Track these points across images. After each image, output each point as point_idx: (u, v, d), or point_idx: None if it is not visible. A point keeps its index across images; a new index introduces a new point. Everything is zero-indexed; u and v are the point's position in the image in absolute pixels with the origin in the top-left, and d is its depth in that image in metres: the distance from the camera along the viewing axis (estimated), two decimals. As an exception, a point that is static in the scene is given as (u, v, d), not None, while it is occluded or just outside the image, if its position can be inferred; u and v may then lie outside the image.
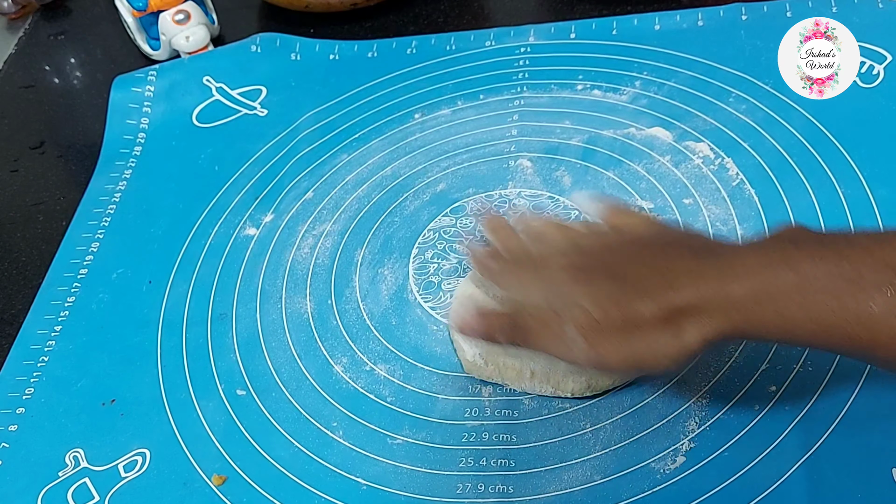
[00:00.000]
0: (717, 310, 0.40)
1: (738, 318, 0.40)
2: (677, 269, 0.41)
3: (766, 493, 0.44)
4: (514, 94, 0.69)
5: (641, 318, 0.41)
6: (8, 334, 0.60)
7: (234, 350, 0.56)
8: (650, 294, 0.41)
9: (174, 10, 0.76)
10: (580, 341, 0.42)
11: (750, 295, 0.39)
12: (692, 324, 0.40)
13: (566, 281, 0.44)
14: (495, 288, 0.54)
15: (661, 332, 0.41)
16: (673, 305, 0.40)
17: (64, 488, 0.51)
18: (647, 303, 0.41)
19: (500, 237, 0.51)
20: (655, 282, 0.41)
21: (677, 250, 0.43)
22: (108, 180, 0.70)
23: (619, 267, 0.44)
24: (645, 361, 0.41)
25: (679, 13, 0.71)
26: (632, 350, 0.41)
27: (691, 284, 0.40)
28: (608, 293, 0.42)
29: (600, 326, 0.41)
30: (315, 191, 0.65)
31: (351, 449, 0.50)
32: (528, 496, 0.46)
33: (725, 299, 0.40)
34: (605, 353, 0.42)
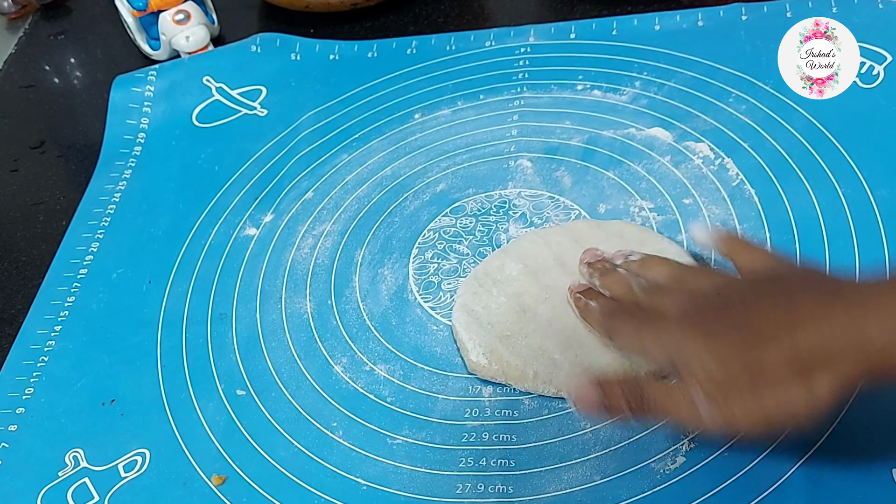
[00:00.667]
0: (850, 358, 0.37)
1: (874, 364, 0.37)
2: (802, 312, 0.39)
3: (766, 493, 0.44)
4: (514, 94, 0.69)
5: (767, 371, 0.38)
6: (8, 334, 0.60)
7: (234, 350, 0.56)
8: (774, 343, 0.38)
9: (174, 10, 0.76)
10: (707, 407, 0.39)
11: (883, 337, 0.36)
12: (824, 374, 0.37)
13: (684, 336, 0.41)
14: (501, 295, 0.54)
15: (792, 385, 0.38)
16: (801, 354, 0.37)
17: (64, 488, 0.51)
18: (772, 352, 0.38)
19: (611, 283, 0.50)
20: (779, 329, 0.38)
21: (800, 291, 0.40)
22: (108, 180, 0.70)
23: (738, 314, 0.41)
24: (776, 418, 0.38)
25: (679, 13, 0.71)
26: (762, 407, 0.38)
27: (819, 332, 0.38)
28: (729, 346, 0.39)
29: (725, 384, 0.39)
30: (315, 191, 0.65)
31: (351, 449, 0.50)
32: (528, 496, 0.46)
33: (859, 346, 0.37)
34: (734, 415, 0.39)
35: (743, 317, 0.40)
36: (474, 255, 0.58)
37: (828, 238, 0.54)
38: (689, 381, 0.40)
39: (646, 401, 0.41)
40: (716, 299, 0.43)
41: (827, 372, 0.37)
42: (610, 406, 0.42)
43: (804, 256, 0.53)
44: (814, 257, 0.53)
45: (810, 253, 0.53)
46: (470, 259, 0.58)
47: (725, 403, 0.39)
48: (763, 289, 0.43)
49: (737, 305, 0.42)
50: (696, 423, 0.41)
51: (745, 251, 0.47)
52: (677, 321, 0.43)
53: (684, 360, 0.40)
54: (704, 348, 0.40)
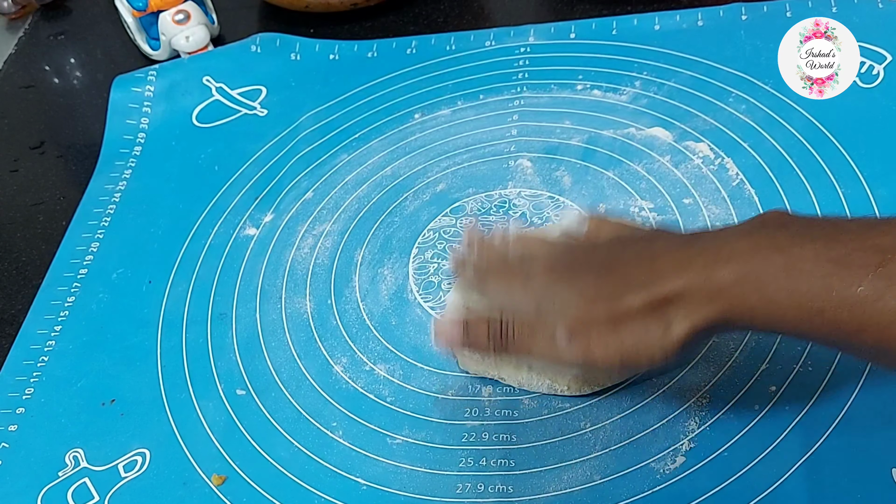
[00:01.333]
0: (704, 296, 0.39)
1: (724, 304, 0.39)
2: (663, 258, 0.41)
3: (766, 493, 0.44)
4: (514, 94, 0.69)
5: (628, 310, 0.40)
6: (8, 334, 0.60)
7: (234, 350, 0.56)
8: (636, 285, 0.40)
9: (174, 10, 0.76)
10: (566, 341, 0.41)
11: (736, 279, 0.38)
12: (679, 313, 0.39)
13: (551, 281, 0.43)
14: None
15: (649, 324, 0.40)
16: (659, 295, 0.39)
17: (64, 488, 0.51)
18: (634, 294, 0.40)
19: (479, 247, 0.49)
20: (641, 272, 0.41)
21: (663, 240, 0.43)
22: (108, 180, 0.70)
23: (601, 262, 0.43)
24: (634, 355, 0.41)
25: (679, 13, 0.71)
26: (620, 344, 0.40)
27: (676, 272, 0.39)
28: (594, 288, 0.41)
29: (587, 322, 0.41)
30: (315, 191, 0.65)
31: (351, 449, 0.50)
32: (528, 496, 0.46)
33: (711, 285, 0.38)
34: (592, 349, 0.41)
35: (605, 263, 0.43)
36: (474, 254, 0.58)
37: (828, 238, 0.54)
38: (551, 320, 0.42)
39: (506, 334, 0.43)
40: (580, 251, 0.45)
41: (681, 313, 0.39)
42: (471, 341, 0.45)
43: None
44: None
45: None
46: (470, 259, 0.58)
47: (586, 339, 0.41)
48: (629, 241, 0.45)
49: (600, 254, 0.44)
50: (556, 356, 0.42)
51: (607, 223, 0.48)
52: (545, 270, 0.44)
53: (548, 301, 0.42)
54: (568, 291, 0.42)
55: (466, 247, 0.50)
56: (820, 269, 0.36)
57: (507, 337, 0.43)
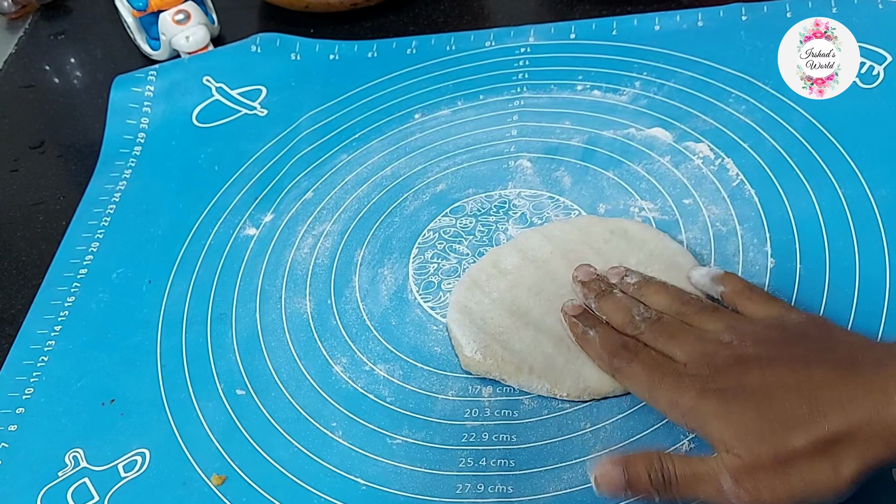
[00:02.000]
0: (874, 437, 0.38)
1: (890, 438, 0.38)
2: (824, 394, 0.39)
3: (765, 494, 0.44)
4: (514, 94, 0.69)
5: (794, 454, 0.39)
6: (8, 334, 0.60)
7: (234, 350, 0.56)
8: (799, 426, 0.39)
9: (174, 10, 0.76)
10: (734, 489, 0.40)
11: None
12: (849, 453, 0.38)
13: (703, 402, 0.42)
14: (495, 290, 0.54)
15: (817, 465, 0.39)
16: (825, 436, 0.38)
17: (64, 488, 0.51)
18: (797, 436, 0.39)
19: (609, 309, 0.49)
20: (803, 411, 0.39)
21: (820, 367, 0.41)
22: (108, 180, 0.70)
23: (760, 393, 0.41)
24: (804, 497, 0.39)
25: (679, 13, 0.71)
26: (789, 488, 0.39)
27: (842, 412, 0.38)
28: (754, 429, 0.40)
29: (751, 468, 0.39)
30: (315, 191, 0.65)
31: (350, 449, 0.50)
32: (528, 496, 0.46)
33: (882, 426, 0.38)
34: (761, 496, 0.39)
35: (762, 387, 0.41)
36: (474, 255, 0.58)
37: (828, 238, 0.54)
38: (713, 463, 0.40)
39: (669, 480, 0.41)
40: (729, 354, 0.44)
41: (851, 452, 0.38)
42: (632, 485, 0.42)
43: (803, 256, 0.53)
44: (813, 257, 0.53)
45: (810, 252, 0.53)
46: (470, 259, 0.58)
47: (753, 485, 0.39)
48: (777, 350, 0.43)
49: (754, 369, 0.42)
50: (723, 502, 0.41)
51: (756, 306, 0.47)
52: (693, 384, 0.43)
53: (705, 434, 0.42)
54: (726, 426, 0.41)
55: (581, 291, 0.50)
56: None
57: (669, 484, 0.42)
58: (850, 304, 0.50)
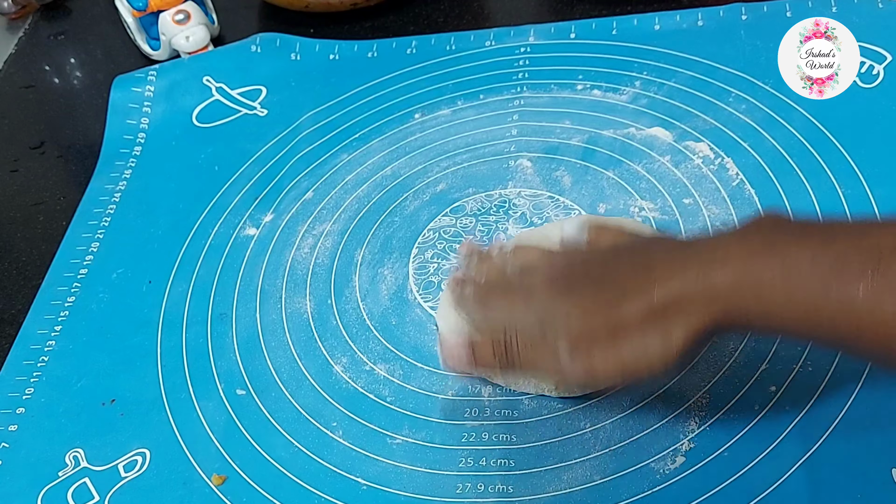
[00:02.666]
0: (700, 302, 0.38)
1: (721, 309, 0.38)
2: (658, 265, 0.40)
3: (766, 493, 0.44)
4: (514, 94, 0.69)
5: (627, 321, 0.40)
6: (8, 334, 0.60)
7: (234, 350, 0.56)
8: (633, 294, 0.40)
9: (174, 10, 0.76)
10: (568, 360, 0.41)
11: (732, 282, 0.37)
12: (677, 321, 0.39)
13: (551, 295, 0.43)
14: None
15: (648, 335, 0.39)
16: (656, 303, 0.39)
17: (64, 488, 0.51)
18: (631, 304, 0.39)
19: (474, 263, 0.49)
20: (637, 281, 0.40)
21: (659, 247, 0.42)
22: (108, 180, 0.70)
23: (599, 272, 0.42)
24: (635, 367, 0.40)
25: (679, 13, 0.71)
26: (620, 357, 0.40)
27: (671, 279, 0.39)
28: (592, 300, 0.41)
29: (587, 336, 0.40)
30: (315, 191, 0.65)
31: (351, 449, 0.50)
32: (528, 496, 0.46)
33: (707, 289, 0.38)
34: (594, 365, 0.40)
35: (603, 274, 0.42)
36: (474, 254, 0.58)
37: (828, 238, 0.54)
38: (552, 335, 0.41)
39: (511, 352, 0.43)
40: (580, 264, 0.45)
41: (679, 322, 0.39)
42: (479, 362, 0.44)
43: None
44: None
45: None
46: (470, 259, 0.58)
47: (587, 355, 0.40)
48: (624, 250, 0.44)
49: (598, 264, 0.44)
50: (560, 374, 0.43)
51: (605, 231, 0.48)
52: (542, 284, 0.44)
53: (550, 319, 0.42)
54: (568, 305, 0.42)
55: (464, 263, 0.50)
56: (817, 272, 0.36)
57: (511, 354, 0.43)
58: (850, 303, 0.50)
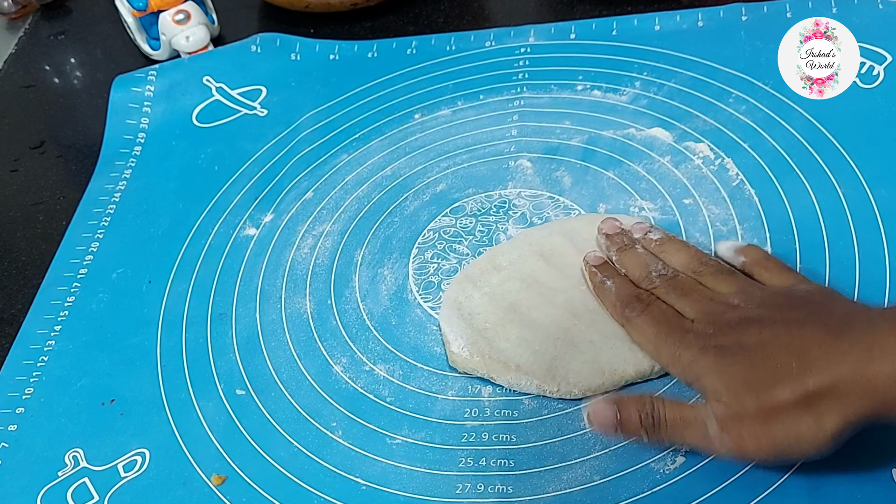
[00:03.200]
0: (856, 391, 0.39)
1: (877, 400, 0.39)
2: (813, 351, 0.41)
3: (766, 494, 0.44)
4: (514, 94, 0.69)
5: (779, 404, 0.40)
6: (8, 334, 0.60)
7: (234, 350, 0.56)
8: (786, 377, 0.40)
9: (174, 10, 0.76)
10: (719, 435, 0.41)
11: (888, 380, 0.38)
12: (831, 407, 0.39)
13: (702, 357, 0.44)
14: (487, 285, 0.53)
15: (800, 418, 0.40)
16: (810, 389, 0.39)
17: (63, 488, 0.51)
18: (784, 387, 0.40)
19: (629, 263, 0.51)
20: (791, 366, 0.40)
21: (815, 327, 0.42)
22: (108, 180, 0.70)
23: (755, 349, 0.42)
24: (786, 448, 0.41)
25: (679, 13, 0.71)
26: (772, 438, 0.41)
27: (828, 368, 0.40)
28: (744, 381, 0.41)
29: (737, 416, 0.41)
30: (315, 191, 0.65)
31: (350, 449, 0.50)
32: (528, 496, 0.46)
33: (864, 381, 0.39)
34: (745, 444, 0.41)
35: (758, 345, 0.42)
36: (474, 255, 0.58)
37: (828, 238, 0.54)
38: (702, 410, 0.42)
39: (658, 422, 0.43)
40: (734, 315, 0.45)
41: (834, 406, 0.39)
42: (623, 425, 0.44)
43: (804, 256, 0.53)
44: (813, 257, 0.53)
45: (810, 252, 0.53)
46: (470, 259, 0.58)
47: (737, 433, 0.41)
48: (779, 313, 0.44)
49: (753, 328, 0.43)
50: (708, 448, 0.43)
51: (767, 270, 0.49)
52: (696, 340, 0.44)
53: (701, 385, 0.43)
54: (719, 378, 0.42)
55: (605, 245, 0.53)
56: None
57: (658, 425, 0.44)
58: (850, 304, 0.50)
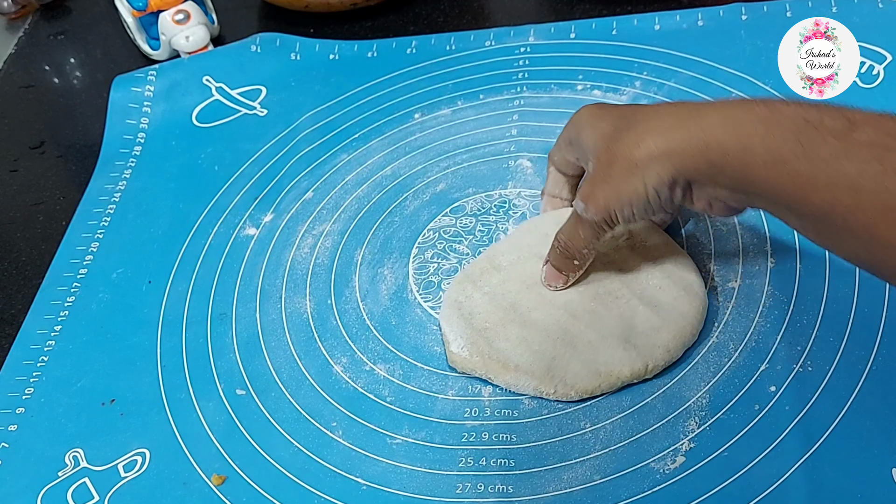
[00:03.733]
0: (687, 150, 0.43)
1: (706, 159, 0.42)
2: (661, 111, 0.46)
3: (766, 493, 0.44)
4: (514, 94, 0.69)
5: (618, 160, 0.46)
6: (8, 334, 0.60)
7: (234, 350, 0.56)
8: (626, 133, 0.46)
9: (174, 10, 0.76)
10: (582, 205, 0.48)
11: (717, 121, 0.42)
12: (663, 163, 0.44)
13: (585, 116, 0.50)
14: (487, 285, 0.54)
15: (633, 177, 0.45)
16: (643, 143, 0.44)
17: (64, 488, 0.51)
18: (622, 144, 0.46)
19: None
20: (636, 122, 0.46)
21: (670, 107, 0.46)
22: (108, 180, 0.70)
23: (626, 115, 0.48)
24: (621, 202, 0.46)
25: (679, 13, 0.71)
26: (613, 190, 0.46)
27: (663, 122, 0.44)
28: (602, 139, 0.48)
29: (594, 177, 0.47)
30: (315, 191, 0.65)
31: (351, 449, 0.50)
32: (528, 496, 0.46)
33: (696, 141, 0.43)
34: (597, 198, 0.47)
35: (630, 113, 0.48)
36: (474, 254, 0.58)
37: (828, 238, 0.54)
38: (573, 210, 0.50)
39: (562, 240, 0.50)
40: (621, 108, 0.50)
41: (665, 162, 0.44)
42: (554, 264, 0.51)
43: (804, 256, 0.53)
44: (813, 257, 0.53)
45: (810, 252, 0.53)
46: (470, 259, 0.58)
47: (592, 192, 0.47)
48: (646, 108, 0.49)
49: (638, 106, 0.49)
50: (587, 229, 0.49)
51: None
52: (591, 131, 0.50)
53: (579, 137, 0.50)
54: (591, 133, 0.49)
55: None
56: (794, 124, 0.40)
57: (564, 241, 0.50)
58: (849, 304, 0.50)
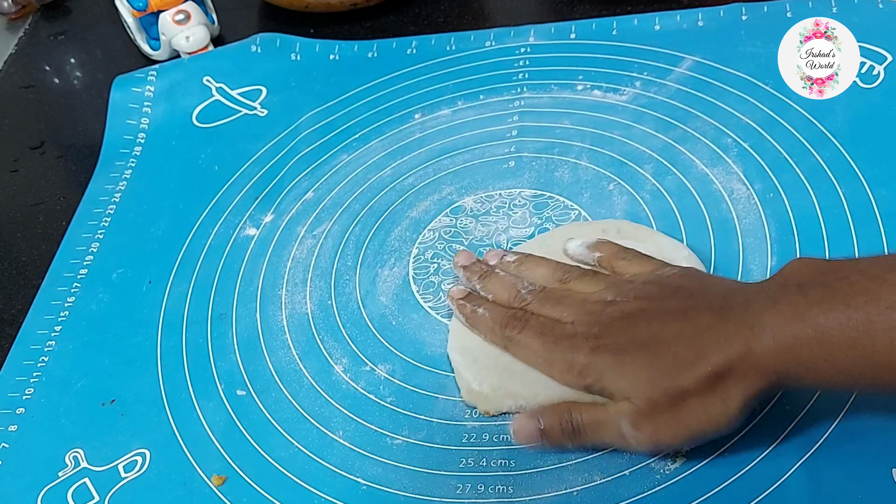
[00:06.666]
0: (749, 369, 0.41)
1: (770, 375, 0.41)
2: (704, 336, 0.43)
3: (766, 493, 0.44)
4: (514, 94, 0.69)
5: (684, 393, 0.42)
6: (8, 334, 0.60)
7: (234, 350, 0.56)
8: (686, 368, 0.42)
9: (174, 10, 0.76)
10: (633, 433, 0.43)
11: (774, 355, 0.41)
12: (733, 385, 0.42)
13: (604, 368, 0.45)
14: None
15: (706, 401, 0.42)
16: (709, 374, 0.42)
17: (64, 488, 0.51)
18: (685, 377, 0.42)
19: (494, 287, 0.52)
20: (688, 354, 0.43)
21: (699, 313, 0.44)
22: (108, 180, 0.70)
23: (649, 343, 0.44)
24: (700, 431, 0.43)
25: (679, 13, 0.71)
26: (684, 425, 0.43)
27: (719, 350, 0.42)
28: (646, 377, 0.43)
29: (647, 412, 0.43)
30: (315, 191, 0.65)
31: (351, 449, 0.50)
32: (528, 496, 0.46)
33: (754, 359, 0.41)
34: (660, 437, 0.43)
35: (651, 338, 0.44)
36: (474, 255, 0.58)
37: (828, 238, 0.54)
38: (613, 410, 0.44)
39: (577, 427, 0.45)
40: (614, 310, 0.46)
41: (734, 384, 0.42)
42: (547, 434, 0.46)
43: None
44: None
45: (810, 253, 0.53)
46: (470, 259, 0.58)
47: (650, 428, 0.43)
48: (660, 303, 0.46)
49: (642, 323, 0.45)
50: (626, 445, 0.45)
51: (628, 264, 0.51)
52: (593, 351, 0.45)
53: (602, 387, 0.45)
54: (620, 377, 0.44)
55: (464, 276, 0.53)
56: (846, 338, 0.39)
57: (577, 431, 0.46)
58: (850, 304, 0.50)
